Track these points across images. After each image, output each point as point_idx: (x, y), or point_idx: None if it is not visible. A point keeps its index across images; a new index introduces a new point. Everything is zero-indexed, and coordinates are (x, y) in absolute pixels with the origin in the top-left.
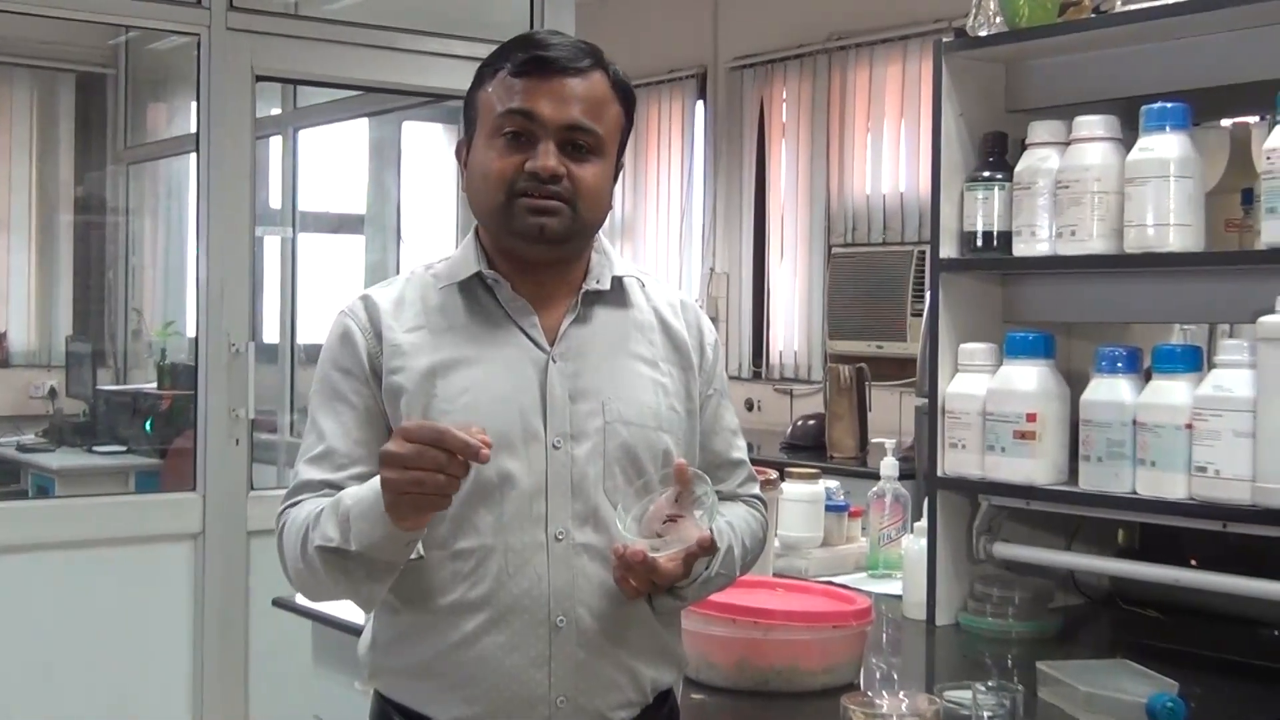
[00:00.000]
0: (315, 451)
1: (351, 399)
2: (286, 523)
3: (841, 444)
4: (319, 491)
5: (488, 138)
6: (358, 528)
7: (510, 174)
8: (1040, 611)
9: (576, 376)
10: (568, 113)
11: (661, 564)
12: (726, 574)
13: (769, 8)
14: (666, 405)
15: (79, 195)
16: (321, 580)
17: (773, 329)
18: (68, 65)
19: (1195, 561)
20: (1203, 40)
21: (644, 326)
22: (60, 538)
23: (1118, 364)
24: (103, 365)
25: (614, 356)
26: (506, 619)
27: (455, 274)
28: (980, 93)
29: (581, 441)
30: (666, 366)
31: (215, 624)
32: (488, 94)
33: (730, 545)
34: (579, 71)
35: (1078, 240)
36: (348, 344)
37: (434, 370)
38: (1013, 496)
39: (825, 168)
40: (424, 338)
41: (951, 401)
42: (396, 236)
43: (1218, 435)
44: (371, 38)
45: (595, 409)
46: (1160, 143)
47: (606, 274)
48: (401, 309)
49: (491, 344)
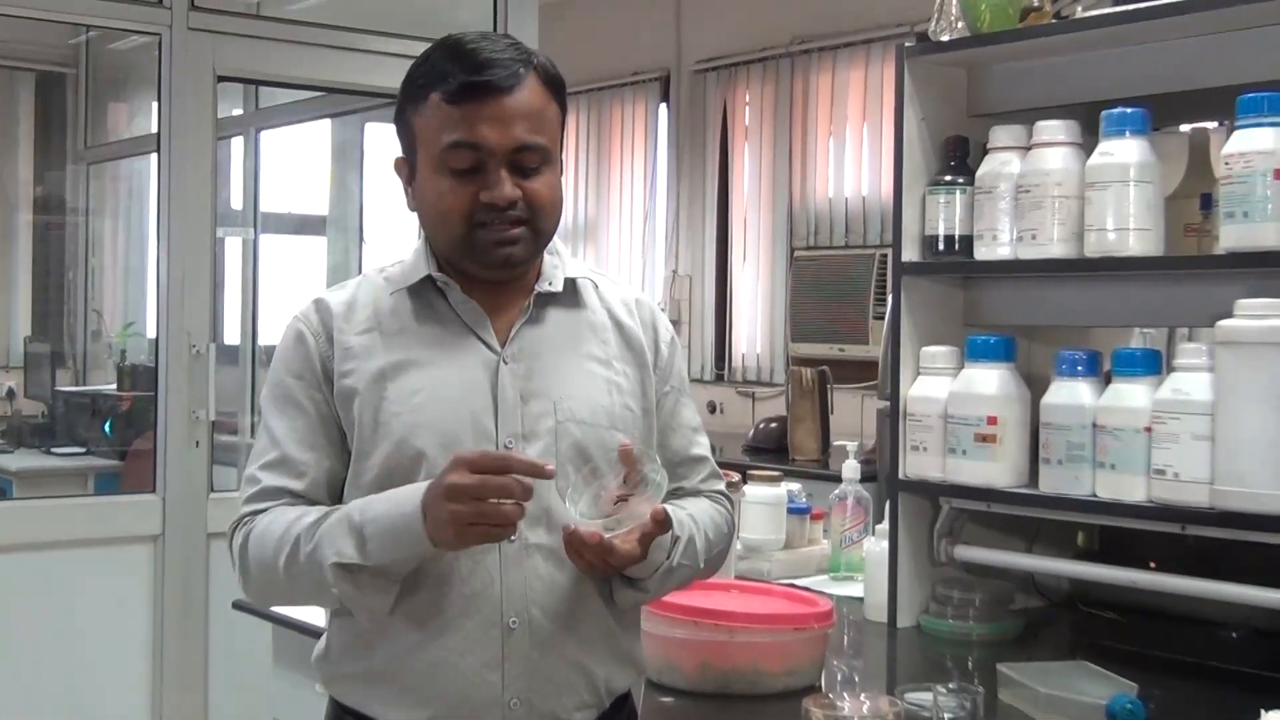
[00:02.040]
0: (270, 457)
1: (304, 403)
2: (252, 530)
3: (804, 446)
4: (279, 500)
5: (433, 170)
6: (380, 545)
7: (466, 207)
8: (1001, 613)
9: (528, 377)
10: (513, 135)
11: (617, 544)
12: (690, 565)
13: (732, 11)
14: (621, 404)
15: (38, 195)
16: (301, 591)
17: (735, 331)
18: (27, 64)
19: (1154, 564)
20: (1162, 46)
21: (597, 327)
22: (18, 540)
23: (1078, 367)
24: (62, 366)
25: (566, 357)
26: (459, 621)
27: (407, 278)
28: (942, 97)
29: (533, 442)
30: (620, 365)
31: (175, 626)
32: (425, 120)
33: (692, 536)
34: (514, 86)
35: (1038, 244)
36: (300, 347)
37: (384, 373)
38: (973, 499)
39: (788, 171)
40: (375, 340)
41: (913, 404)
42: (359, 238)
43: (1176, 438)
44: (334, 39)
45: (547, 409)
46: (1120, 148)
47: (559, 275)
48: (353, 312)
49: (442, 346)
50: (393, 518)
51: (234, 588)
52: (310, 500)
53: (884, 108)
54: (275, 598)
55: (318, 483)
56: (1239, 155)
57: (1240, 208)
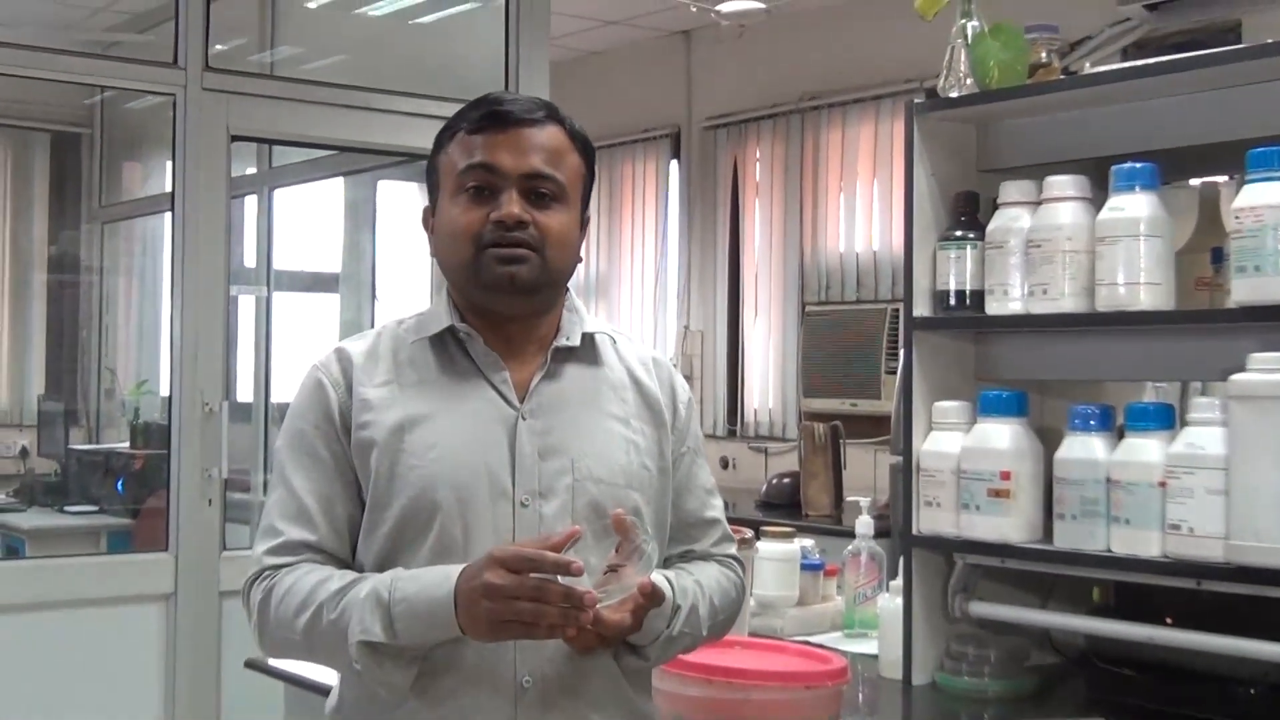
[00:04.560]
0: (289, 508)
1: (322, 453)
2: (274, 588)
3: (816, 502)
4: (300, 554)
5: (451, 196)
6: (407, 627)
7: (476, 227)
8: (1016, 670)
9: (546, 434)
10: (527, 161)
11: (607, 615)
12: (691, 634)
13: (742, 68)
14: (638, 463)
15: (53, 254)
16: (319, 654)
17: (747, 387)
18: (43, 125)
19: (1170, 619)
20: (1171, 101)
21: (616, 384)
22: (31, 599)
23: (1091, 422)
24: (75, 424)
25: (585, 414)
26: (473, 679)
27: (426, 328)
28: (952, 152)
29: (550, 499)
30: (638, 424)
31: (187, 686)
32: (448, 156)
33: (695, 604)
34: (535, 122)
35: (1050, 299)
36: (319, 397)
37: (402, 425)
38: (988, 555)
39: (799, 226)
40: (393, 392)
41: (926, 459)
42: (371, 295)
43: (1191, 493)
44: (347, 98)
45: (565, 466)
46: (1130, 202)
47: (577, 331)
48: (372, 363)
49: (460, 399)
50: (423, 602)
51: (247, 647)
52: (329, 551)
53: (894, 163)
54: (288, 654)
55: (338, 533)
56: (1249, 209)
57: (1252, 261)
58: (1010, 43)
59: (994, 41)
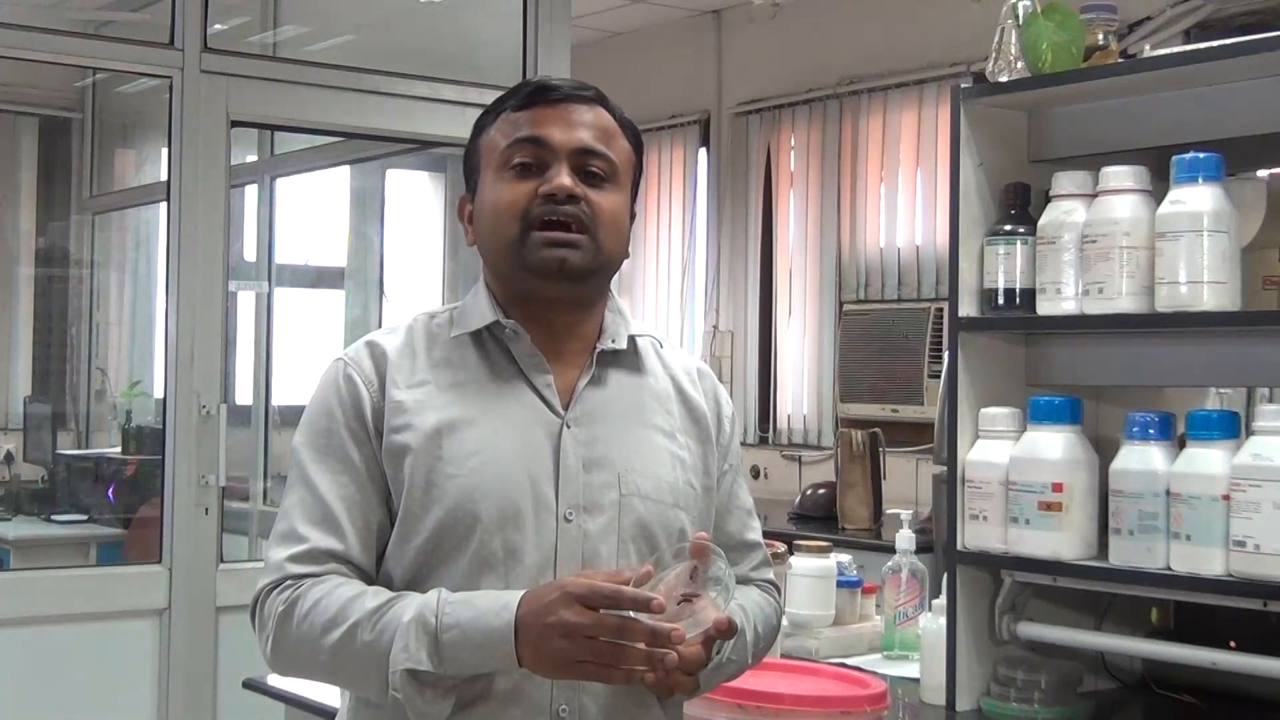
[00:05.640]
0: (315, 513)
1: (352, 455)
2: (299, 599)
3: (854, 514)
4: (325, 564)
5: (495, 174)
6: (457, 656)
7: (523, 202)
8: (1069, 696)
9: (592, 444)
10: (579, 136)
11: (684, 650)
12: (738, 661)
13: (776, 49)
14: (684, 480)
15: (40, 246)
16: (343, 675)
17: (780, 391)
18: (31, 109)
19: (1234, 643)
20: (1236, 87)
21: (661, 395)
22: (16, 613)
23: (1149, 430)
24: (63, 428)
25: (631, 425)
26: (506, 707)
27: (467, 323)
28: (1001, 141)
29: (595, 515)
30: (684, 439)
31: (181, 707)
32: (490, 136)
33: (742, 629)
34: (585, 100)
35: (1106, 298)
36: (351, 394)
37: (440, 430)
38: (1038, 572)
39: (836, 219)
40: (430, 393)
41: (972, 470)
42: (379, 291)
43: (1257, 507)
44: (354, 81)
45: (611, 480)
46: (1192, 195)
47: (622, 333)
48: (407, 359)
49: (501, 402)
50: (479, 631)
51: (244, 665)
52: (355, 562)
53: (939, 152)
54: (304, 673)
55: (365, 544)
56: None
57: None
58: (1065, 24)
59: (1047, 22)
